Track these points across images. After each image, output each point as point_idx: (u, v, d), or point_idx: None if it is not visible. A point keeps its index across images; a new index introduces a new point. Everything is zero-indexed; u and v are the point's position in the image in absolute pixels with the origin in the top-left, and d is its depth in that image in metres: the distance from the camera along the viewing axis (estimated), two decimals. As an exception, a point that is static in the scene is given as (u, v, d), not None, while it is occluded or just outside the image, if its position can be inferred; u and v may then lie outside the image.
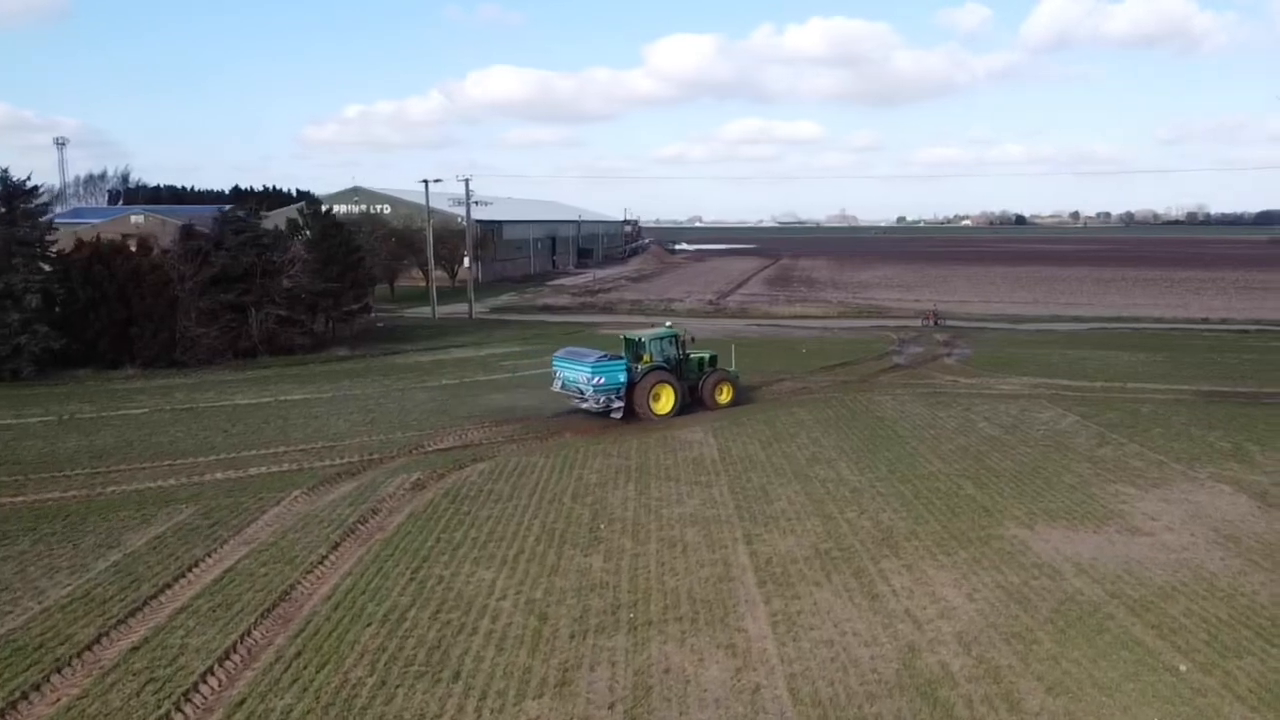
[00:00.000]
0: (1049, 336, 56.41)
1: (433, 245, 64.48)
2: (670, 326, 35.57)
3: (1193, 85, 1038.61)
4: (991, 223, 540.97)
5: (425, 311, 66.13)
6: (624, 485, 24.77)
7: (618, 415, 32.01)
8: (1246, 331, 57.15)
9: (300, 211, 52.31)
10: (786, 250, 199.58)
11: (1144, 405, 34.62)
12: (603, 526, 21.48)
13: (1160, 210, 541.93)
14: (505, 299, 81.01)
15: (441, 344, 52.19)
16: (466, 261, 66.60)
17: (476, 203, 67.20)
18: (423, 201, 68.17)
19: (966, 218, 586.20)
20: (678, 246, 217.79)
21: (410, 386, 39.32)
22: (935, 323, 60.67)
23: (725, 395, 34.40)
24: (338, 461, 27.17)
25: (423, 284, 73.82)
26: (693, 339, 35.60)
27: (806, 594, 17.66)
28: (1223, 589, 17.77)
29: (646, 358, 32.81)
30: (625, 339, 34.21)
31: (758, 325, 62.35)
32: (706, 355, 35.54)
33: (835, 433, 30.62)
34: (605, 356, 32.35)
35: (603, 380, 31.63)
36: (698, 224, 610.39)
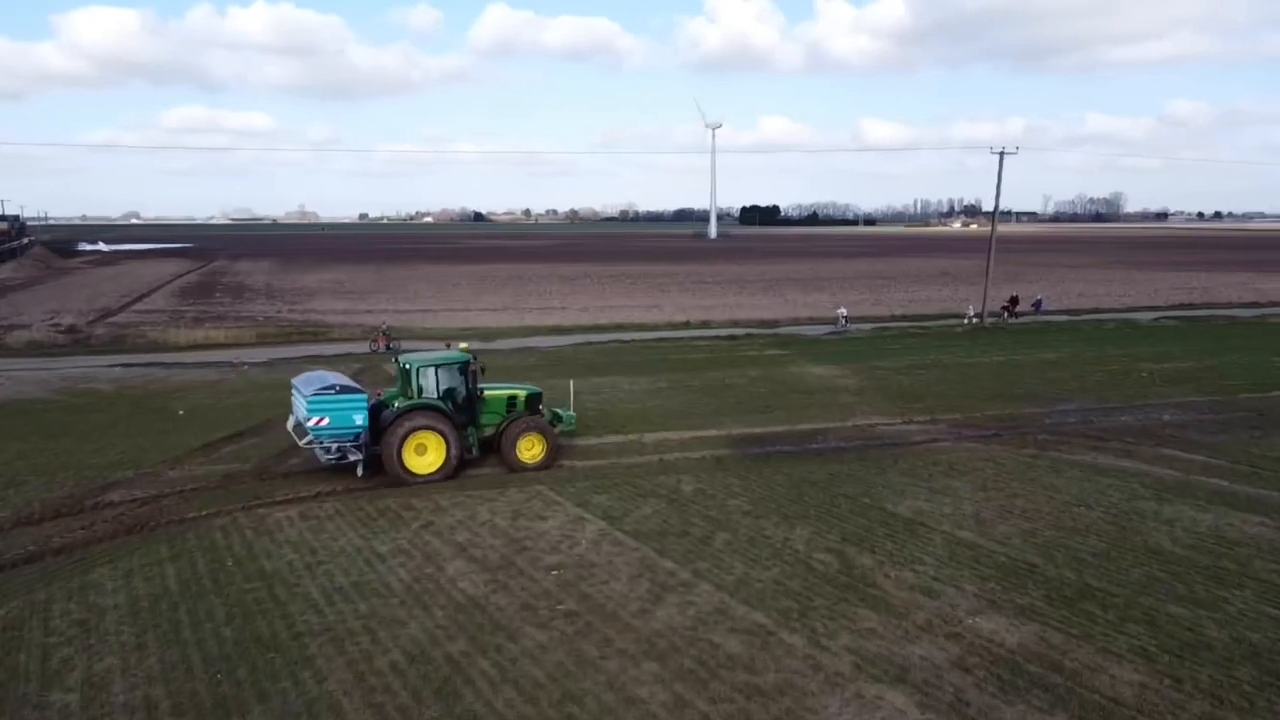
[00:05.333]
0: (530, 359, 45.03)
1: None
2: (464, 349, 26.04)
3: (621, 96, 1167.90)
4: (453, 219, 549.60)
5: None
6: None
7: (359, 471, 23.84)
8: (735, 338, 51.35)
9: None
10: (229, 250, 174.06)
11: (682, 479, 23.46)
12: None
13: (598, 207, 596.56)
14: None
15: None
16: None
17: None
18: None
19: (428, 214, 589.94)
20: (91, 247, 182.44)
21: None
22: (388, 346, 46.29)
23: (533, 451, 24.87)
24: None
25: None
26: (483, 369, 26.09)
27: None
28: None
29: (411, 391, 24.34)
30: (399, 365, 25.42)
31: (126, 365, 42.49)
32: (521, 392, 26.22)
33: (160, 642, 14.53)
34: (334, 387, 23.63)
35: (325, 421, 23.07)
36: (134, 221, 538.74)
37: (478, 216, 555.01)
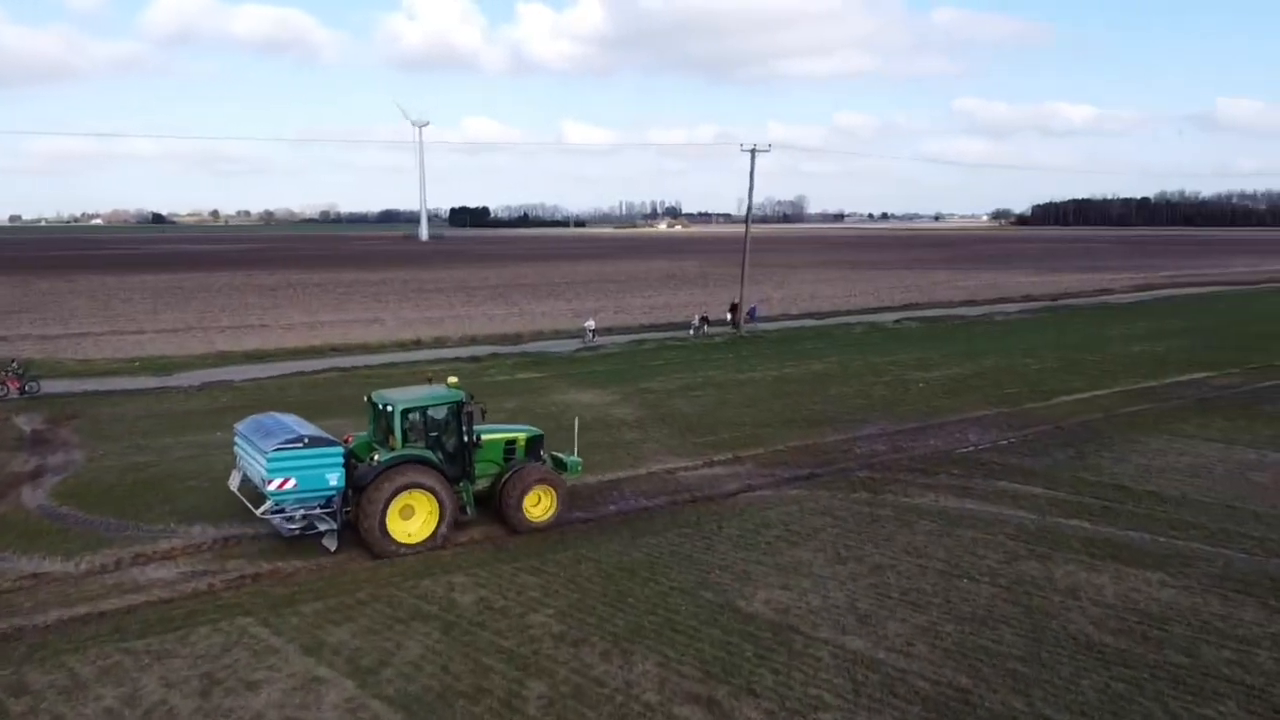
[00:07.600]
0: (222, 398, 35.92)
1: None
2: (453, 385, 20.36)
3: (318, 92, 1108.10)
4: (127, 221, 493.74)
5: None
6: None
7: (331, 544, 18.57)
8: (479, 359, 44.47)
9: None
10: None
11: (456, 582, 16.95)
12: None
13: (296, 209, 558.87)
14: None
15: None
16: None
17: None
18: None
19: (98, 215, 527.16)
20: None
21: None
22: (22, 390, 35.29)
23: (543, 507, 20.07)
24: None
25: None
26: (484, 412, 20.71)
27: None
28: None
29: (394, 440, 19.05)
30: (371, 404, 20.17)
31: None
32: (521, 435, 21.35)
33: None
34: (302, 440, 18.28)
35: (291, 483, 17.96)
36: None
37: (157, 218, 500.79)
